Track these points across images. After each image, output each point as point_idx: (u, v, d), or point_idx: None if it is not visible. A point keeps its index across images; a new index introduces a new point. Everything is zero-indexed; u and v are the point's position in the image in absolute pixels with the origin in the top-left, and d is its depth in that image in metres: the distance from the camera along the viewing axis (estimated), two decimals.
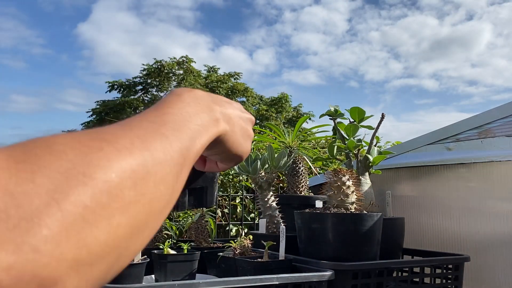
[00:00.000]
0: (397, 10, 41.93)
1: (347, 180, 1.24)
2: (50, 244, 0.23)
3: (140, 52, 35.01)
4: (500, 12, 45.57)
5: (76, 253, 0.25)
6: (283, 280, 0.98)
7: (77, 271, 0.25)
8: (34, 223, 0.23)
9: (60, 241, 0.23)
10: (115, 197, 0.28)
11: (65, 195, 0.25)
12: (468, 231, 1.53)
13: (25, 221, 0.22)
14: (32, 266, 0.22)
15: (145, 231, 0.32)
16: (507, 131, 1.53)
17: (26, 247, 0.22)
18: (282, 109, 19.93)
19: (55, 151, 0.26)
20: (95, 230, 0.26)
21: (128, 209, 0.29)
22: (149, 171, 0.32)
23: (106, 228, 0.27)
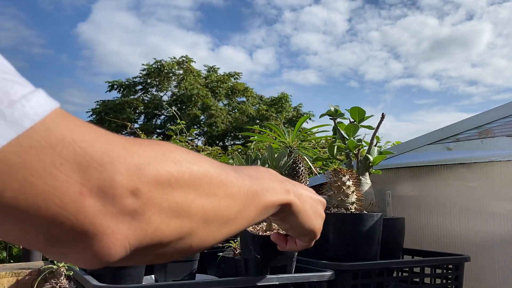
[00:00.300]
0: (397, 10, 41.94)
1: (347, 180, 1.23)
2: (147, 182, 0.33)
3: (140, 52, 35.02)
4: (500, 12, 45.59)
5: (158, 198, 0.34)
6: (283, 280, 0.98)
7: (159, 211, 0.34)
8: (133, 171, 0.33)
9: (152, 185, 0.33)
10: (194, 182, 0.37)
11: (160, 163, 0.35)
12: (468, 231, 1.53)
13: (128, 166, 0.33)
14: (133, 181, 0.32)
15: (210, 226, 0.39)
16: (507, 131, 1.53)
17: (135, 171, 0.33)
18: (282, 109, 19.92)
19: (161, 145, 0.37)
20: (174, 191, 0.35)
21: (201, 196, 0.37)
22: (223, 183, 0.40)
23: (182, 195, 0.36)
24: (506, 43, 50.32)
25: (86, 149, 0.30)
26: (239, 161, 1.54)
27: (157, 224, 0.34)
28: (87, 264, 0.33)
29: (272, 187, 0.50)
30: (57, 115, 0.29)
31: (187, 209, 0.36)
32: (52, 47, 34.88)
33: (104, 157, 0.31)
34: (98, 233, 0.31)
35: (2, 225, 0.29)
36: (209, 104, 19.11)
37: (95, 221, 0.30)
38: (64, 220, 0.29)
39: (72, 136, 0.30)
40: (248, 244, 0.93)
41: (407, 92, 45.39)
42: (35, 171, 0.27)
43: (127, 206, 0.31)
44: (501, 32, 47.99)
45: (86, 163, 0.30)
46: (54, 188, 0.28)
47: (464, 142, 1.62)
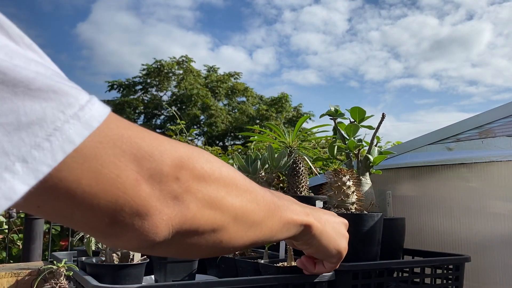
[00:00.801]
0: (397, 9, 41.95)
1: (348, 180, 1.23)
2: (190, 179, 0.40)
3: (140, 52, 35.03)
4: (500, 12, 45.60)
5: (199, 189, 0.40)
6: (283, 281, 0.98)
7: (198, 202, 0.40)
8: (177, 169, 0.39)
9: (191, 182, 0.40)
10: (224, 181, 0.43)
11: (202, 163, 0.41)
12: (469, 231, 1.53)
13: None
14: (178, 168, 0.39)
15: (239, 224, 0.44)
16: (508, 131, 1.52)
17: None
18: (282, 109, 19.92)
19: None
20: (208, 185, 0.41)
21: (230, 195, 0.43)
22: (248, 189, 0.46)
23: (215, 189, 0.41)
24: (506, 43, 50.37)
25: (139, 144, 0.37)
26: (239, 161, 1.53)
27: (194, 211, 0.40)
28: (137, 244, 0.39)
29: (293, 207, 0.55)
30: (114, 117, 0.36)
31: (219, 203, 0.42)
32: (51, 47, 34.87)
33: (154, 150, 0.37)
34: (149, 213, 0.37)
35: (76, 211, 0.34)
36: (209, 104, 19.11)
37: (147, 203, 0.37)
38: (125, 202, 0.35)
39: (128, 133, 0.36)
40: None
41: (407, 92, 45.42)
42: (103, 162, 0.34)
43: (171, 192, 0.38)
44: (501, 32, 48.05)
45: (140, 155, 0.36)
46: (117, 175, 0.35)
47: (464, 142, 1.62)
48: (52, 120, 0.30)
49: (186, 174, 0.39)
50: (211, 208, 0.41)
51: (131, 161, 0.36)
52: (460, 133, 1.64)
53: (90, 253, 1.23)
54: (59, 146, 0.30)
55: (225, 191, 0.42)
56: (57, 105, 0.30)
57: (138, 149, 0.36)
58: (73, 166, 0.32)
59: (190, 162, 0.40)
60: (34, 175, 0.29)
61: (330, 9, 40.74)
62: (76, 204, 0.33)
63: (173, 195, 0.38)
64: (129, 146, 0.36)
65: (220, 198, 0.42)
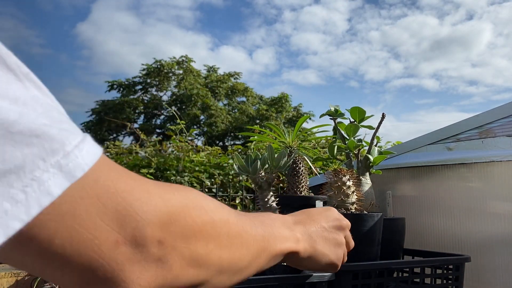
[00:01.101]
0: (397, 9, 41.98)
1: (348, 180, 1.23)
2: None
3: (140, 52, 35.03)
4: (500, 12, 45.62)
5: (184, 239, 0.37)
6: (283, 281, 0.98)
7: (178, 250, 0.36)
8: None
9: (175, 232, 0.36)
10: (215, 232, 0.39)
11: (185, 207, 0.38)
12: (469, 231, 1.53)
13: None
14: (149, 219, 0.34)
15: (224, 275, 0.42)
16: (508, 131, 1.52)
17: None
18: (282, 109, 19.91)
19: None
20: (197, 241, 0.38)
21: (220, 247, 0.40)
22: (239, 233, 0.43)
23: (204, 245, 0.38)
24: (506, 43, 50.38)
25: (126, 198, 0.33)
26: (239, 161, 1.53)
27: (177, 272, 0.37)
28: None
29: (281, 233, 0.53)
30: (103, 164, 0.32)
31: (206, 259, 0.39)
32: (51, 46, 34.89)
33: (141, 206, 0.34)
34: (125, 279, 0.33)
35: (46, 268, 0.31)
36: (209, 104, 19.11)
37: (124, 268, 0.33)
38: (99, 266, 0.32)
39: (115, 186, 0.33)
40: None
41: (407, 92, 45.44)
42: (82, 220, 0.30)
43: (153, 254, 0.34)
44: (501, 32, 48.07)
45: (125, 213, 0.33)
46: (95, 237, 0.31)
47: (464, 142, 1.62)
48: (31, 169, 0.27)
49: (174, 232, 0.36)
50: (196, 266, 0.38)
51: (113, 220, 0.32)
52: (460, 133, 1.64)
53: None
54: (35, 198, 0.27)
55: (214, 243, 0.40)
56: (38, 152, 0.27)
57: (124, 205, 0.33)
58: (47, 223, 0.29)
59: (181, 217, 0.37)
60: (3, 231, 0.26)
61: (330, 9, 40.77)
62: (46, 263, 0.31)
63: (156, 257, 0.35)
64: (113, 202, 0.32)
65: (207, 253, 0.39)
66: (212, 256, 0.40)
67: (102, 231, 0.32)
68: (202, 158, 2.92)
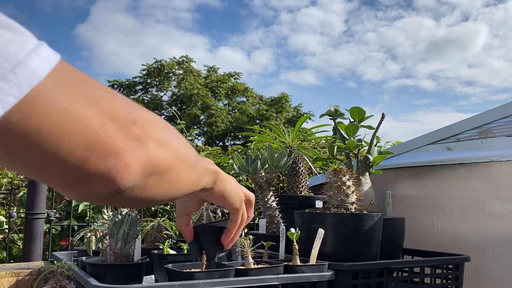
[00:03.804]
0: (393, 11, 41.99)
1: (347, 180, 1.23)
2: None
3: (138, 53, 35.04)
4: (495, 13, 45.62)
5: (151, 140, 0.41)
6: (283, 280, 0.98)
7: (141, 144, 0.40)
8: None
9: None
10: (167, 126, 0.45)
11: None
12: (468, 231, 1.53)
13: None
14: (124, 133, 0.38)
15: (183, 164, 0.47)
16: (507, 131, 1.53)
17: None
18: (282, 109, 19.91)
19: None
20: (157, 129, 0.42)
21: (174, 138, 0.45)
22: (181, 136, 0.48)
23: (164, 132, 0.43)
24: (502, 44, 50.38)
25: (94, 88, 0.37)
26: (239, 161, 1.54)
27: (153, 151, 0.40)
28: (107, 190, 0.38)
29: (201, 158, 0.60)
30: (64, 62, 0.36)
31: (168, 144, 0.43)
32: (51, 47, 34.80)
33: (107, 94, 0.37)
34: (120, 153, 0.37)
35: (45, 150, 0.33)
36: (209, 104, 19.10)
37: (117, 143, 0.37)
38: (95, 141, 0.35)
39: (81, 76, 0.36)
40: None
41: (405, 93, 45.44)
42: (68, 99, 0.33)
43: (133, 133, 0.38)
44: (496, 33, 48.07)
45: (99, 97, 0.36)
46: (84, 114, 0.34)
47: (464, 142, 1.62)
48: (15, 52, 0.29)
49: (139, 118, 0.40)
50: (163, 148, 0.42)
51: (92, 102, 0.35)
52: (459, 133, 1.64)
53: (90, 253, 1.24)
54: (24, 78, 0.30)
55: (169, 134, 0.44)
56: (16, 39, 0.30)
57: (94, 92, 0.36)
58: (40, 100, 0.31)
59: (138, 110, 0.42)
60: (1, 105, 0.29)
61: (327, 10, 40.79)
62: (45, 142, 0.32)
63: (135, 136, 0.38)
64: (87, 88, 0.35)
65: (168, 140, 0.43)
66: (171, 143, 0.44)
67: (88, 109, 0.34)
68: None
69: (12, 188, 2.18)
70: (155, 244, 1.40)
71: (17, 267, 1.43)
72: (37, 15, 35.28)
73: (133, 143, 0.38)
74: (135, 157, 0.38)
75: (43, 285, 1.16)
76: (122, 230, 1.09)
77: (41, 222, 1.84)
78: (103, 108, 0.36)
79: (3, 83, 0.29)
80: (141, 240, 1.17)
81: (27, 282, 1.36)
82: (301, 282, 1.01)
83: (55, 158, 0.34)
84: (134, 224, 1.11)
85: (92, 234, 1.28)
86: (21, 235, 2.24)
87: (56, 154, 0.33)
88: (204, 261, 0.94)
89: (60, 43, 34.50)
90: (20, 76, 0.29)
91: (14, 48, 0.30)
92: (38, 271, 1.36)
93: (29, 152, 0.33)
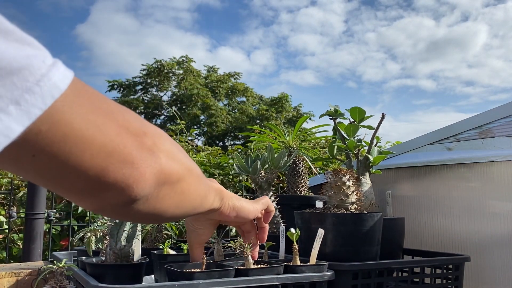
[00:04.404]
0: (393, 11, 42.00)
1: (347, 180, 1.23)
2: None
3: (138, 53, 35.03)
4: (495, 13, 45.62)
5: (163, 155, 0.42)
6: (283, 280, 0.98)
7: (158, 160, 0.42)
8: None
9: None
10: (176, 144, 0.47)
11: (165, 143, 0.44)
12: (468, 231, 1.53)
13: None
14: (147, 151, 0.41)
15: (191, 176, 0.49)
16: (507, 131, 1.53)
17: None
18: (282, 109, 19.90)
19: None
20: (167, 143, 0.44)
21: (182, 153, 0.47)
22: (185, 151, 0.49)
23: (173, 147, 0.45)
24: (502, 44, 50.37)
25: (108, 102, 0.38)
26: (239, 161, 1.53)
27: (164, 161, 0.42)
28: (123, 199, 0.40)
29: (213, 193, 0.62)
30: (77, 79, 0.37)
31: (177, 156, 0.45)
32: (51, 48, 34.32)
33: (119, 109, 0.40)
34: (135, 162, 0.39)
35: (70, 158, 0.35)
36: (209, 104, 19.10)
37: (133, 152, 0.38)
38: (113, 150, 0.37)
39: (94, 92, 0.38)
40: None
41: (405, 93, 45.45)
42: (88, 109, 0.35)
43: (145, 143, 0.40)
44: (496, 34, 48.09)
45: (113, 110, 0.38)
46: (102, 123, 0.36)
47: (464, 142, 1.62)
48: (38, 66, 0.31)
49: (150, 131, 0.42)
50: (173, 159, 0.44)
51: (107, 114, 0.37)
52: (459, 133, 1.64)
53: (90, 253, 1.24)
54: (48, 91, 0.31)
55: (175, 147, 0.46)
56: (38, 54, 0.32)
57: (108, 105, 0.38)
58: (63, 110, 0.33)
59: (149, 125, 0.44)
60: (27, 116, 0.30)
61: (327, 10, 40.75)
62: (71, 150, 0.34)
63: (147, 146, 0.40)
64: (101, 102, 0.37)
65: (176, 152, 0.45)
66: (179, 156, 0.46)
67: (106, 120, 0.37)
68: (202, 158, 2.93)
69: (12, 188, 2.18)
70: (155, 244, 1.40)
71: (17, 267, 1.43)
72: (37, 15, 35.27)
73: (146, 153, 0.40)
74: (149, 166, 0.40)
75: (43, 285, 1.16)
76: (122, 230, 1.09)
77: (41, 222, 1.84)
78: (118, 120, 0.38)
79: (29, 95, 0.30)
80: (141, 240, 1.17)
81: (27, 282, 1.36)
82: (301, 282, 1.01)
83: (77, 165, 0.35)
84: (134, 224, 1.11)
85: (92, 234, 1.28)
86: (21, 235, 2.24)
87: (78, 162, 0.35)
88: (204, 261, 0.94)
89: (60, 43, 34.52)
90: (44, 88, 0.31)
91: (37, 63, 0.31)
92: (38, 271, 1.36)
93: (54, 160, 0.34)
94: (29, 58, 0.31)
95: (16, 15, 33.21)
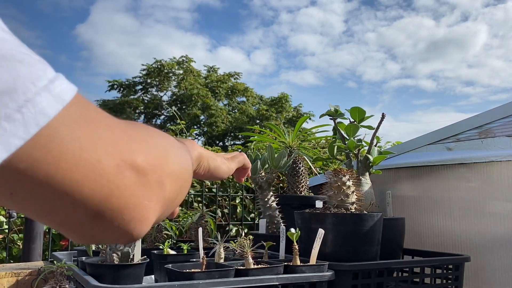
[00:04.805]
0: (393, 11, 41.97)
1: (347, 180, 1.23)
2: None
3: (138, 53, 35.02)
4: (495, 13, 45.57)
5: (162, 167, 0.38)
6: (283, 281, 0.98)
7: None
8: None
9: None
10: (171, 148, 0.42)
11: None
12: (468, 231, 1.53)
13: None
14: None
15: (187, 181, 0.44)
16: (507, 131, 1.53)
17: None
18: (282, 109, 19.91)
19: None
20: (169, 158, 0.39)
21: (176, 156, 0.42)
22: (175, 144, 0.44)
23: (175, 161, 0.41)
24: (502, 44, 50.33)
25: (113, 129, 0.34)
26: None
27: (169, 189, 0.38)
28: (123, 239, 0.35)
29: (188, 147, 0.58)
30: (81, 96, 0.33)
31: (179, 173, 0.41)
32: (51, 48, 34.82)
33: (123, 135, 0.35)
34: (137, 204, 0.34)
35: (55, 200, 0.30)
36: (209, 104, 19.10)
37: (135, 193, 0.33)
38: (111, 192, 0.32)
39: (99, 116, 0.33)
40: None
41: (405, 93, 45.44)
42: (81, 143, 0.30)
43: (151, 178, 0.35)
44: (496, 34, 48.05)
45: (116, 139, 0.33)
46: (98, 161, 0.31)
47: (464, 142, 1.62)
48: (23, 91, 0.27)
49: (156, 157, 0.38)
50: (175, 180, 0.40)
51: (108, 146, 0.32)
52: (459, 133, 1.64)
53: (90, 253, 1.24)
54: (32, 118, 0.27)
55: (178, 159, 0.42)
56: (27, 75, 0.28)
57: (112, 133, 0.33)
58: (49, 144, 0.28)
59: (151, 147, 0.40)
60: (5, 148, 0.26)
61: (327, 10, 40.76)
62: (55, 192, 0.29)
63: (153, 181, 0.36)
64: (104, 129, 0.32)
65: (179, 167, 0.41)
66: (180, 163, 0.42)
67: (102, 155, 0.31)
68: None
69: None
70: (155, 244, 1.40)
71: (17, 267, 1.43)
72: (37, 15, 35.27)
73: (150, 190, 0.35)
74: (153, 206, 0.36)
75: (43, 285, 1.16)
76: None
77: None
78: (121, 152, 0.33)
79: (8, 123, 0.26)
80: (141, 240, 1.17)
81: (27, 282, 1.36)
82: (301, 282, 1.01)
83: (65, 210, 0.31)
84: None
85: None
86: (21, 235, 2.24)
87: (66, 207, 0.31)
88: (204, 261, 0.94)
89: (60, 43, 34.53)
90: (27, 115, 0.27)
91: (24, 85, 0.27)
92: (38, 271, 1.36)
93: (37, 201, 0.30)
94: (13, 80, 0.27)
95: (16, 15, 33.22)
